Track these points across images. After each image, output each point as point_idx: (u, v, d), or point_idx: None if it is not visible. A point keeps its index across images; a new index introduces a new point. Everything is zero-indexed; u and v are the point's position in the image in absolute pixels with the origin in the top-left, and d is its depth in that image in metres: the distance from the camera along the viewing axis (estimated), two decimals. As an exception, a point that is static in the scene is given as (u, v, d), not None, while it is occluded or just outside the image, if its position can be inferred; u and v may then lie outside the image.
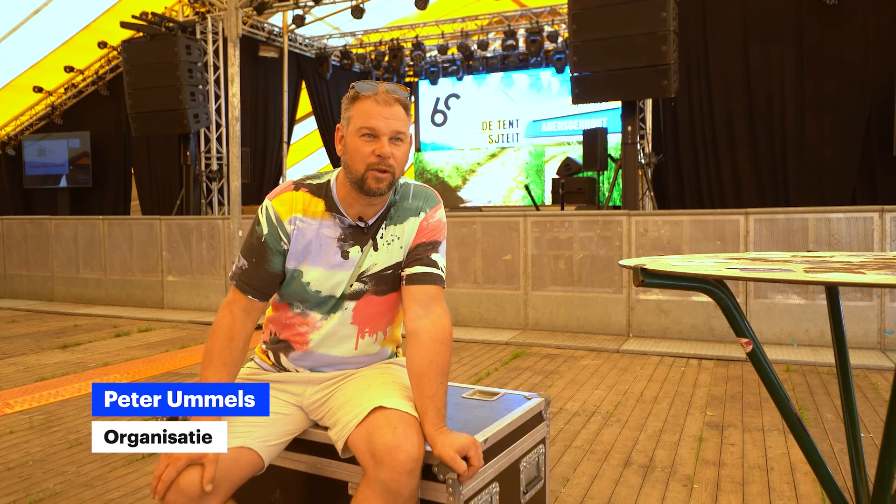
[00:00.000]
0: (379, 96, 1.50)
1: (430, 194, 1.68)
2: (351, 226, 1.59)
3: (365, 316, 1.64)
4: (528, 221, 5.94)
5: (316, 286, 1.59)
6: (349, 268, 1.60)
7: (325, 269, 1.59)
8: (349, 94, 1.55)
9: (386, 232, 1.61)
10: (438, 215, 1.66)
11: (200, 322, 6.72)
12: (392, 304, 1.67)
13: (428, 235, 1.63)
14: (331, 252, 1.58)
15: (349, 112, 1.54)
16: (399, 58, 11.09)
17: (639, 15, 6.18)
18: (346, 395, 1.59)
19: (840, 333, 1.66)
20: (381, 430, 1.42)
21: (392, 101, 1.51)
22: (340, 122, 1.58)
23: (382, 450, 1.39)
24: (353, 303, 1.62)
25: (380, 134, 1.50)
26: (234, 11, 6.48)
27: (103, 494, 2.62)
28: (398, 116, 1.52)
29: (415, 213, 1.64)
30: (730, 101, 7.59)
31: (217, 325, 1.56)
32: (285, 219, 1.56)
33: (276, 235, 1.56)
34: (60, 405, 3.85)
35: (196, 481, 1.39)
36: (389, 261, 1.62)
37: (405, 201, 1.64)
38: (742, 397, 3.85)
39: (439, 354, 1.53)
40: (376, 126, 1.49)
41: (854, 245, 4.97)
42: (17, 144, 11.13)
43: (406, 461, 1.38)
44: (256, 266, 1.57)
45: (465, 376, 4.43)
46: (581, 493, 2.58)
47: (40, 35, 9.38)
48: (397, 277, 1.63)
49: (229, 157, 8.11)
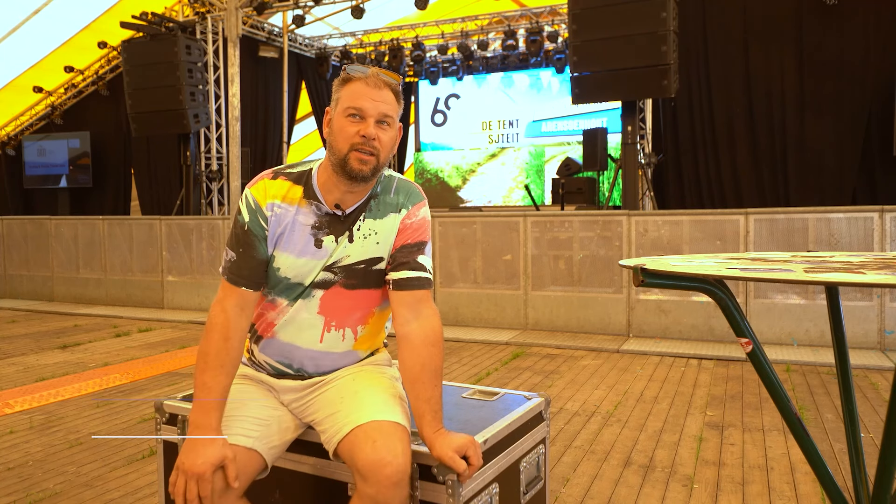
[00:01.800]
0: (370, 79, 1.49)
1: (412, 190, 1.64)
2: (327, 213, 1.56)
3: (332, 308, 1.60)
4: (528, 221, 5.94)
5: (285, 272, 1.57)
6: (321, 257, 1.57)
7: (294, 255, 1.56)
8: (340, 76, 1.53)
9: (363, 225, 1.58)
10: (422, 213, 1.62)
11: (200, 322, 6.71)
12: (363, 302, 1.62)
13: (412, 236, 1.59)
14: (302, 239, 1.56)
15: (338, 93, 1.52)
16: (399, 58, 11.09)
17: (639, 15, 6.18)
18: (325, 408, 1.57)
19: (840, 333, 1.66)
20: (362, 445, 1.40)
21: (382, 84, 1.50)
22: (329, 105, 1.57)
23: (365, 466, 1.37)
24: (321, 292, 1.58)
25: (366, 115, 1.48)
26: (234, 11, 6.48)
27: (103, 494, 2.61)
28: (387, 100, 1.50)
29: (395, 209, 1.60)
30: (730, 101, 7.59)
31: (210, 324, 1.52)
32: (263, 204, 1.54)
33: (257, 222, 1.54)
34: (60, 405, 3.85)
35: (216, 481, 1.39)
36: (363, 255, 1.58)
37: (387, 195, 1.61)
38: (742, 397, 3.85)
39: (432, 357, 1.52)
40: (363, 106, 1.48)
41: (854, 245, 4.97)
42: (17, 144, 11.13)
43: (392, 475, 1.36)
44: (244, 255, 1.55)
45: (465, 376, 4.43)
46: (581, 494, 2.58)
47: (40, 35, 9.38)
48: (369, 274, 1.60)
49: (229, 157, 8.12)
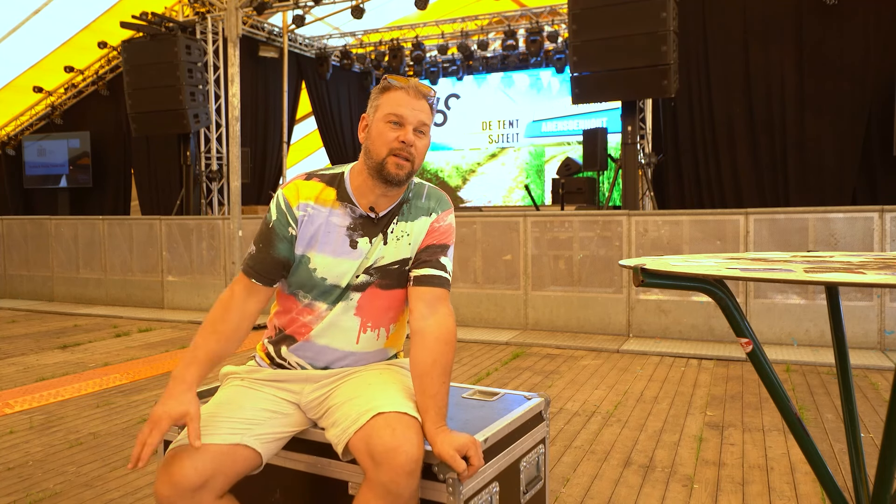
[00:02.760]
0: (410, 89, 1.58)
1: (443, 198, 1.72)
2: (362, 216, 1.62)
3: (368, 309, 1.65)
4: (528, 221, 5.94)
5: (322, 272, 1.61)
6: (356, 258, 1.62)
7: (331, 256, 1.61)
8: (381, 84, 1.62)
9: (396, 227, 1.64)
10: (449, 219, 1.71)
11: (200, 322, 6.71)
12: (396, 301, 1.68)
13: (438, 238, 1.66)
14: (338, 240, 1.61)
15: (378, 101, 1.60)
16: (399, 58, 11.09)
17: (639, 15, 6.18)
18: (345, 394, 1.58)
19: (840, 333, 1.66)
20: (380, 431, 1.42)
21: (420, 95, 1.58)
22: (366, 111, 1.63)
23: (381, 451, 1.38)
24: (359, 294, 1.64)
25: (406, 122, 1.56)
26: (234, 11, 6.48)
27: (103, 494, 2.61)
28: (424, 109, 1.59)
29: (426, 212, 1.67)
30: (730, 101, 7.59)
31: (217, 300, 1.63)
32: (294, 204, 1.60)
33: (284, 221, 1.60)
34: (60, 405, 3.85)
35: (189, 474, 1.39)
36: (397, 256, 1.64)
37: (418, 200, 1.68)
38: (742, 397, 3.85)
39: (443, 354, 1.55)
40: (404, 114, 1.56)
41: (854, 245, 4.97)
42: (17, 144, 11.13)
43: (406, 462, 1.37)
44: (263, 251, 1.61)
45: (465, 376, 4.43)
46: (581, 493, 2.58)
47: (40, 35, 9.37)
48: (402, 274, 1.65)
49: (229, 157, 8.11)
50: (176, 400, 1.45)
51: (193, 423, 1.42)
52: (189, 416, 1.43)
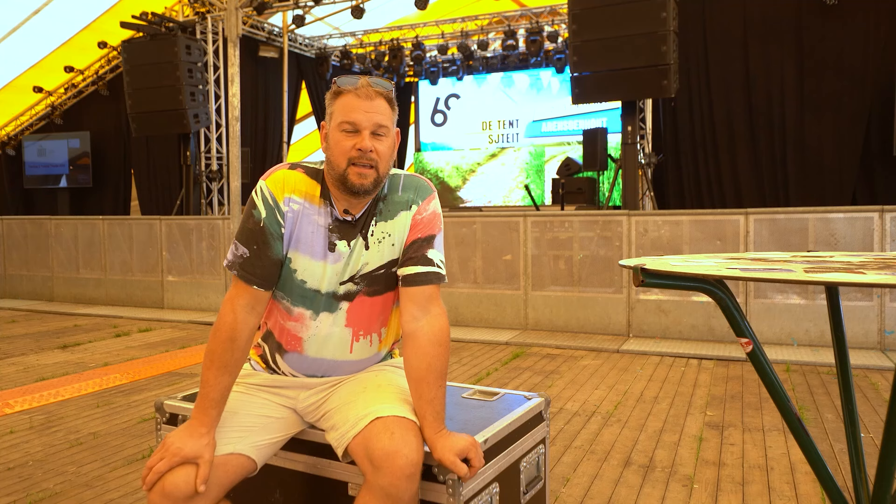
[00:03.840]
0: (360, 90, 1.47)
1: (421, 185, 1.61)
2: (337, 219, 1.55)
3: (359, 318, 1.60)
4: (528, 221, 5.94)
5: (302, 275, 1.55)
6: (333, 261, 1.55)
7: (311, 257, 1.54)
8: (331, 89, 1.52)
9: (376, 229, 1.56)
10: (433, 207, 1.60)
11: (200, 322, 6.71)
12: (385, 303, 1.63)
13: (422, 230, 1.57)
14: (318, 241, 1.54)
15: (331, 107, 1.51)
16: (399, 58, 11.08)
17: (639, 15, 6.18)
18: (342, 398, 1.57)
19: (840, 333, 1.66)
20: (379, 435, 1.40)
21: (374, 94, 1.48)
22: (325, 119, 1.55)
23: (380, 455, 1.37)
24: (347, 304, 1.58)
25: (360, 128, 1.46)
26: (234, 11, 6.48)
27: (103, 494, 2.61)
28: (380, 110, 1.48)
29: (406, 206, 1.57)
30: (730, 101, 7.59)
31: (219, 324, 1.51)
32: (280, 199, 1.52)
33: (274, 218, 1.51)
34: (60, 405, 3.85)
35: (180, 484, 1.37)
36: (381, 260, 1.57)
37: (394, 194, 1.58)
38: (742, 397, 3.85)
39: (438, 358, 1.51)
40: (356, 119, 1.46)
41: (854, 245, 4.97)
42: (17, 144, 11.12)
43: (405, 466, 1.36)
44: (259, 253, 1.51)
45: (465, 376, 4.43)
46: (581, 493, 2.58)
47: (40, 35, 9.37)
48: (390, 276, 1.59)
49: (229, 157, 8.10)
50: (195, 442, 1.41)
51: (203, 469, 1.39)
52: (202, 460, 1.40)
